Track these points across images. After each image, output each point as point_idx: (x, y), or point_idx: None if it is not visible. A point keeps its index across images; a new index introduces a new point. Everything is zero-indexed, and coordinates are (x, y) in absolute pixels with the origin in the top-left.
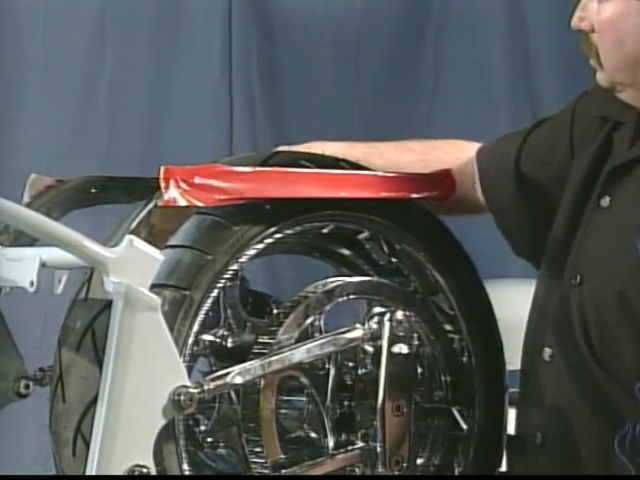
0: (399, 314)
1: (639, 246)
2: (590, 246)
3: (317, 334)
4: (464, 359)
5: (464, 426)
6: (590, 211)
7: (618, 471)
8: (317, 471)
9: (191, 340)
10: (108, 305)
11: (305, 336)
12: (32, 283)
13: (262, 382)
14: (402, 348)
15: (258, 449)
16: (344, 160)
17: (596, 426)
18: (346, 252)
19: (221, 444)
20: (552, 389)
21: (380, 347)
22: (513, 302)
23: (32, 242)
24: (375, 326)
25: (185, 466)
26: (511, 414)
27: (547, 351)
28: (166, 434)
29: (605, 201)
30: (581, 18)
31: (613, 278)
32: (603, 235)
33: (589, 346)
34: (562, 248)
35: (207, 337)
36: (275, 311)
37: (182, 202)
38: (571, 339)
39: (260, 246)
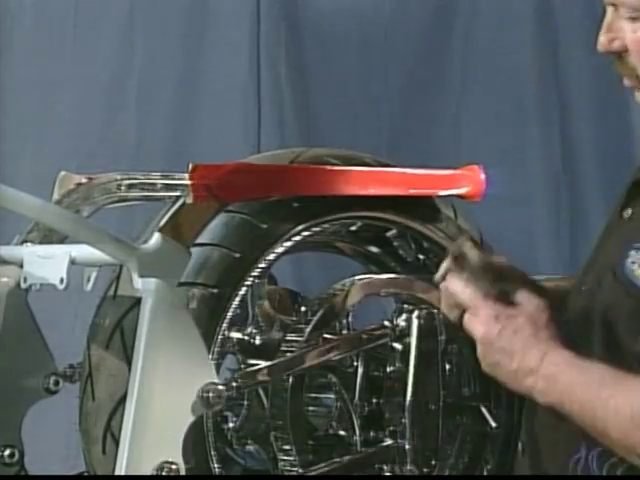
0: (427, 311)
1: (627, 261)
2: (601, 258)
3: (345, 331)
4: None
5: (493, 423)
6: (613, 222)
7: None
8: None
9: (219, 338)
10: (137, 302)
11: (333, 334)
12: (62, 280)
13: (290, 379)
14: (430, 345)
15: (287, 446)
16: (370, 157)
17: (560, 444)
18: (374, 249)
19: (250, 441)
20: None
21: (408, 344)
22: None
23: (62, 239)
24: (403, 323)
25: (214, 463)
26: None
27: None
28: (195, 431)
29: (627, 213)
30: (611, 39)
31: (599, 294)
32: (615, 247)
33: None
34: (589, 259)
35: (235, 335)
36: (303, 309)
37: (210, 199)
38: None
39: (288, 244)
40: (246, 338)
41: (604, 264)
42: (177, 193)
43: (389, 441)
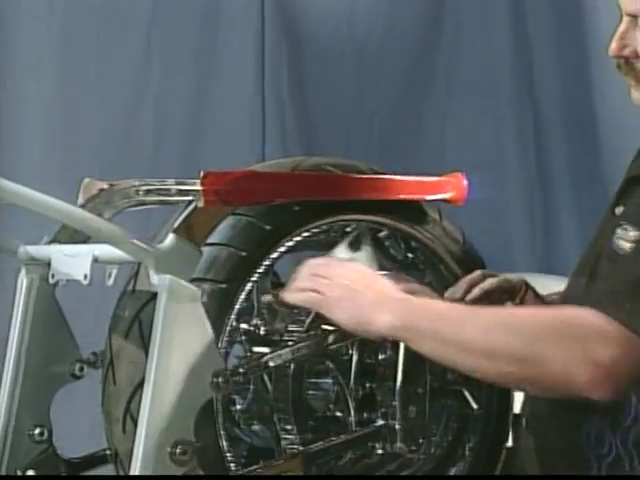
0: None
1: (613, 237)
2: (594, 252)
3: None
4: None
5: (474, 405)
6: (607, 219)
7: (584, 464)
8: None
9: (228, 328)
10: (153, 296)
11: (330, 325)
12: (86, 276)
13: (292, 366)
14: None
15: (288, 426)
16: (364, 164)
17: (567, 418)
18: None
19: (255, 421)
20: None
21: None
22: None
23: (86, 240)
24: None
25: (223, 441)
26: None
27: None
28: (206, 412)
29: (619, 210)
30: (622, 46)
31: (593, 283)
32: (608, 241)
33: None
34: (582, 255)
35: (242, 326)
36: None
37: (220, 203)
38: None
39: (290, 244)
40: (252, 329)
41: (597, 257)
42: (190, 198)
43: (381, 421)
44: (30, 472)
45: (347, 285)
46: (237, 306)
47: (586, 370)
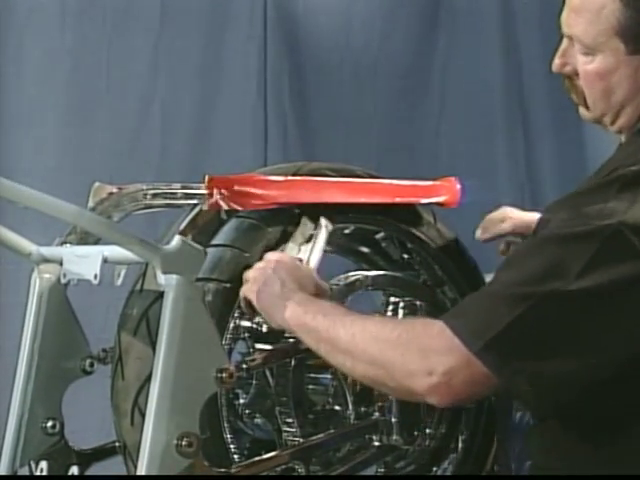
0: (411, 303)
1: None
2: None
3: None
4: None
5: None
6: None
7: None
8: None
9: (231, 326)
10: (160, 296)
11: None
12: (96, 276)
13: (293, 362)
14: None
15: (289, 420)
16: (362, 170)
17: None
18: (365, 249)
19: (258, 415)
20: None
21: None
22: None
23: (96, 241)
24: (390, 313)
25: (227, 434)
26: None
27: None
28: (210, 406)
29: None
30: (563, 64)
31: None
32: None
33: None
34: None
35: (245, 323)
36: None
37: (224, 207)
38: None
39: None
40: (254, 326)
41: None
42: (195, 201)
43: (377, 415)
44: (43, 463)
45: (266, 272)
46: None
47: (422, 378)
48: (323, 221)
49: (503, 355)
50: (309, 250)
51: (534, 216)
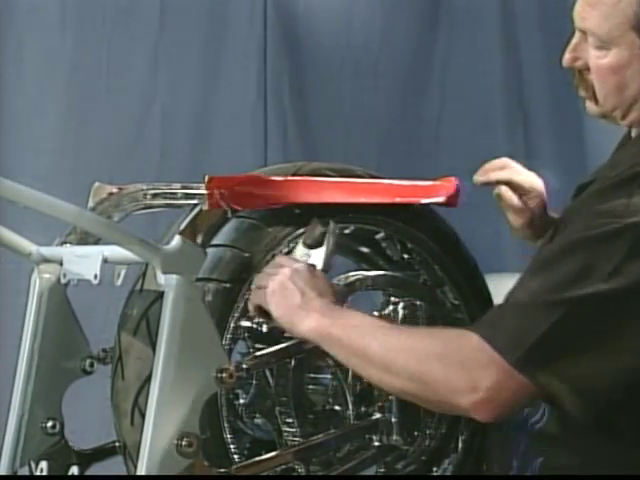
0: (411, 303)
1: None
2: None
3: None
4: None
5: None
6: None
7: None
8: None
9: (231, 326)
10: (160, 296)
11: None
12: (96, 276)
13: (292, 362)
14: None
15: (289, 420)
16: (362, 170)
17: None
18: (365, 249)
19: (258, 415)
20: None
21: None
22: None
23: (96, 241)
24: (390, 314)
25: (227, 434)
26: None
27: None
28: (210, 406)
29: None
30: (574, 58)
31: None
32: None
33: None
34: None
35: (245, 323)
36: None
37: (224, 207)
38: None
39: (291, 245)
40: (254, 326)
41: None
42: (195, 201)
43: (378, 415)
44: (43, 463)
45: (284, 282)
46: (240, 305)
47: (466, 394)
48: (332, 224)
49: (543, 364)
50: (321, 255)
51: (534, 176)
